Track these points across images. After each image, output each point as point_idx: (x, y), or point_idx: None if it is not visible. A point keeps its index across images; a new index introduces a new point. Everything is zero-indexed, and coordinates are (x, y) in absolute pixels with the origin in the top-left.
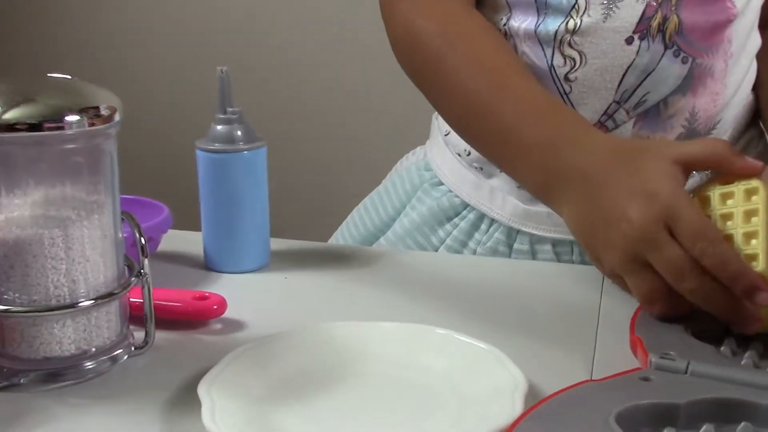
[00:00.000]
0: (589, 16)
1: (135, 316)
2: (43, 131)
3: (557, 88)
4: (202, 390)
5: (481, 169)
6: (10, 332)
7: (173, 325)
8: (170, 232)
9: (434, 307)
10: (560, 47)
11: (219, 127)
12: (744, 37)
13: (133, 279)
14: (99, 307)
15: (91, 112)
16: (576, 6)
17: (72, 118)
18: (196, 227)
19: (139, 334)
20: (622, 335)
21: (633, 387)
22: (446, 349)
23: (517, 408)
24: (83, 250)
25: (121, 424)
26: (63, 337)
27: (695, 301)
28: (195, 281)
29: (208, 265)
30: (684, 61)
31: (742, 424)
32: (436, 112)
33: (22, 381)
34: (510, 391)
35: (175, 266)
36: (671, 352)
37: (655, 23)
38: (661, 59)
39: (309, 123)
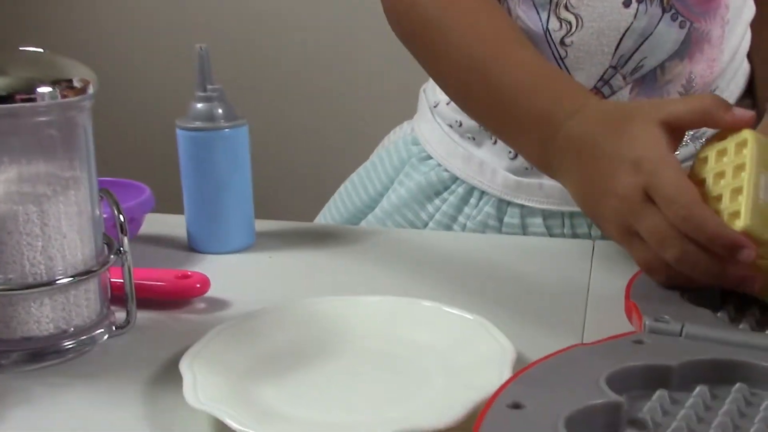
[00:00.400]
0: None
1: (117, 297)
2: (15, 103)
3: (552, 52)
4: (184, 365)
5: (473, 138)
6: None
7: (155, 304)
8: (153, 215)
9: (421, 283)
10: (556, 10)
11: (199, 105)
12: (740, 3)
13: (111, 257)
14: (77, 285)
15: (64, 84)
16: None
17: (44, 89)
18: (180, 211)
19: (120, 315)
20: (613, 306)
21: (625, 349)
22: (433, 321)
23: (504, 376)
24: (59, 227)
25: (102, 402)
26: (41, 316)
27: (683, 269)
28: (178, 262)
29: (191, 246)
30: (681, 26)
31: (737, 384)
32: (424, 86)
33: (0, 363)
34: (498, 360)
35: (157, 248)
36: (666, 316)
37: None
38: (658, 23)
39: (292, 101)
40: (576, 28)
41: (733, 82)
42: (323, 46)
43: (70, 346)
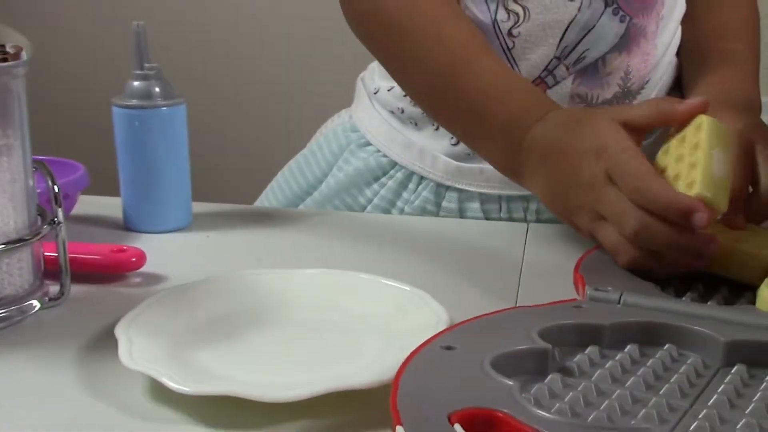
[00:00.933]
0: None
1: (50, 271)
2: None
3: (500, 43)
4: (120, 329)
5: (416, 124)
6: None
7: (90, 278)
8: (87, 197)
9: (359, 260)
10: (505, 2)
11: (136, 84)
12: (673, 1)
13: (45, 227)
14: (10, 254)
15: None
16: None
17: None
18: (115, 193)
19: (54, 288)
20: (545, 283)
21: (563, 312)
22: (371, 292)
23: None
24: None
25: (36, 367)
26: None
27: (645, 244)
28: (113, 240)
29: (127, 226)
30: (622, 20)
31: (666, 345)
32: (362, 75)
33: None
34: (433, 326)
35: (91, 227)
36: (609, 287)
37: None
38: (601, 16)
39: (231, 81)
40: (523, 19)
41: (665, 75)
42: (266, 26)
43: (2, 314)
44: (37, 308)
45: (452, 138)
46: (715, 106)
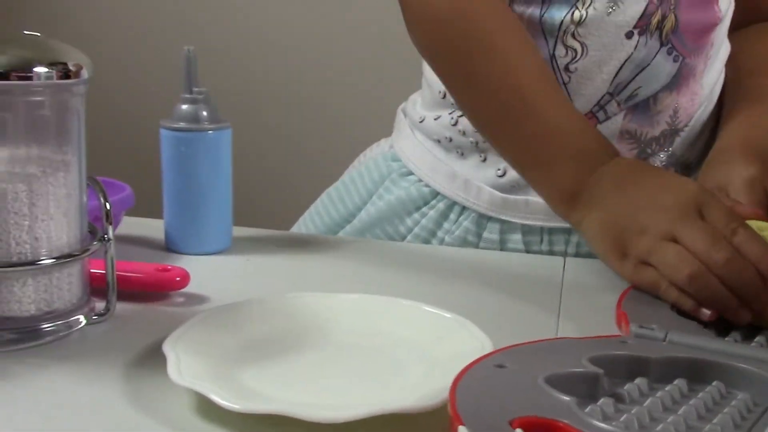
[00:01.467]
0: (594, 8)
1: (96, 289)
2: (10, 80)
3: (556, 78)
4: (167, 346)
5: (462, 154)
6: None
7: (134, 297)
8: (131, 218)
9: (399, 287)
10: (563, 38)
11: (184, 107)
12: (721, 41)
13: (95, 243)
14: (61, 268)
15: (60, 66)
16: None
17: (40, 69)
18: (158, 215)
19: (100, 305)
20: (586, 317)
21: (609, 345)
22: (412, 318)
23: None
24: (47, 208)
25: (83, 381)
26: (23, 297)
27: (727, 273)
28: (155, 260)
29: (168, 247)
30: (675, 60)
31: (714, 382)
32: (402, 106)
33: None
34: (477, 351)
35: (134, 247)
36: (653, 325)
37: (654, 20)
38: (656, 55)
39: (276, 107)
40: (581, 55)
41: (705, 112)
42: (311, 55)
43: (50, 328)
44: (83, 323)
45: (499, 169)
46: (736, 149)
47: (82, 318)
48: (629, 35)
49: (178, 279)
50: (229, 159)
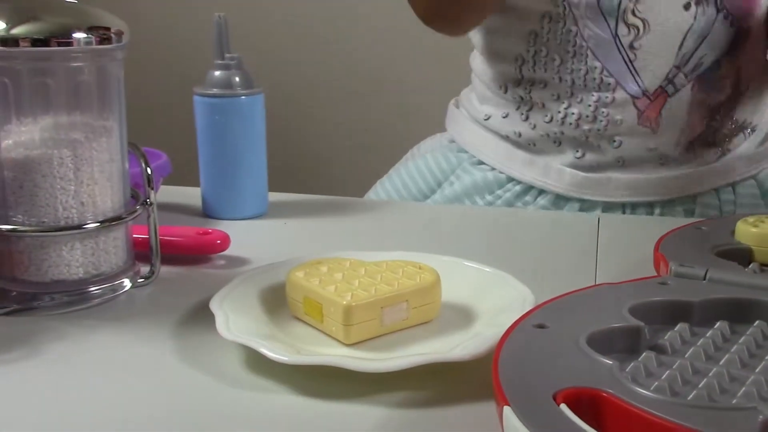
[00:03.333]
0: None
1: (139, 253)
2: (51, 47)
3: (622, 57)
4: (215, 305)
5: (534, 145)
6: (18, 255)
7: (176, 260)
8: (167, 187)
9: (438, 246)
10: (624, 16)
11: (216, 73)
12: None
13: (138, 207)
14: (107, 232)
15: (99, 31)
16: None
17: (80, 35)
18: (193, 184)
19: (144, 268)
20: (622, 265)
21: (650, 288)
22: (452, 273)
23: None
24: (92, 172)
25: (133, 340)
26: (71, 260)
27: None
28: (194, 225)
29: (206, 212)
30: (732, 24)
31: (757, 322)
32: (454, 101)
33: (36, 305)
34: (519, 305)
35: (172, 214)
36: (693, 264)
37: None
38: (714, 23)
39: (308, 73)
40: (643, 32)
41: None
42: (343, 29)
43: (98, 291)
44: (129, 286)
45: (577, 152)
46: None
47: (127, 281)
48: (687, 6)
49: (218, 242)
50: (263, 124)
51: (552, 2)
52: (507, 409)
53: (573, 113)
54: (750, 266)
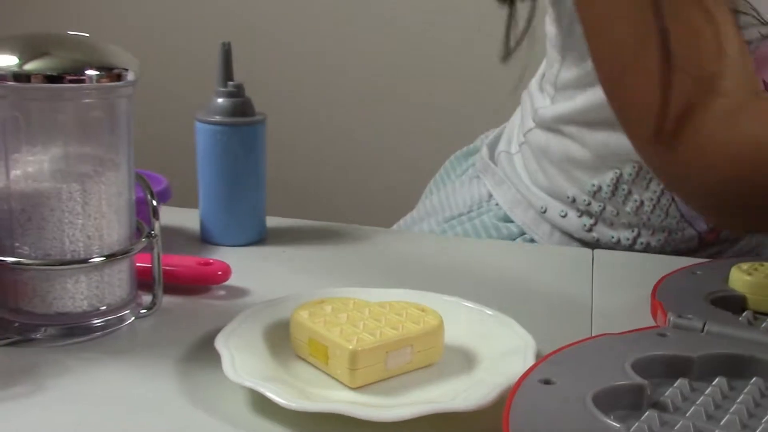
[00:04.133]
0: None
1: (140, 282)
2: (63, 83)
3: None
4: (220, 343)
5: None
6: (22, 287)
7: (177, 290)
8: (166, 208)
9: (435, 279)
10: None
11: (219, 100)
12: None
13: (144, 239)
14: (112, 265)
15: (111, 69)
16: None
17: (92, 72)
18: (191, 205)
19: (145, 298)
20: (616, 310)
21: (650, 340)
22: (453, 315)
23: (528, 364)
24: (100, 206)
25: (137, 375)
26: (76, 293)
27: None
28: (192, 253)
29: (204, 238)
30: None
31: (754, 378)
32: (490, 153)
33: (35, 337)
34: (521, 351)
35: (172, 238)
36: (690, 315)
37: None
38: None
39: (309, 101)
40: None
41: None
42: (343, 46)
43: (101, 323)
44: (131, 319)
45: (585, 225)
46: None
47: (130, 312)
48: None
49: (219, 273)
50: (264, 152)
51: None
52: None
53: (642, 241)
54: (744, 315)
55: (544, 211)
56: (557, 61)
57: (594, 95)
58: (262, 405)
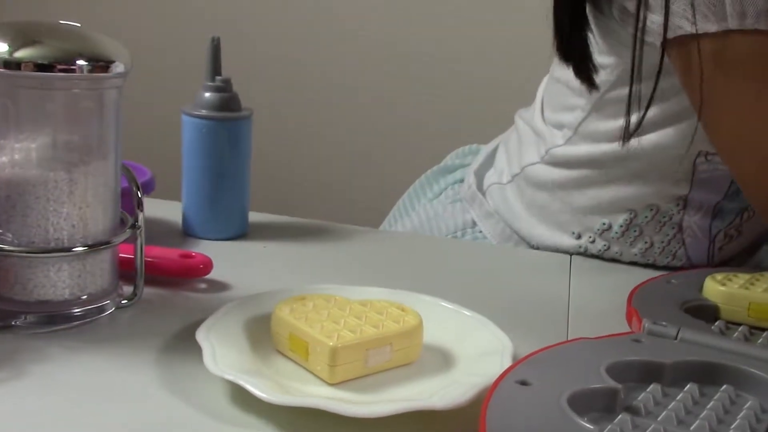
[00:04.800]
0: None
1: (121, 272)
2: (53, 72)
3: (708, 252)
4: (201, 336)
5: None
6: (4, 273)
7: (158, 282)
8: (149, 200)
9: (414, 279)
10: (729, 226)
11: (206, 94)
12: None
13: (127, 230)
14: (95, 255)
15: (101, 59)
16: None
17: (83, 62)
18: (173, 198)
19: (126, 289)
20: (591, 314)
21: (624, 346)
22: (432, 315)
23: (505, 365)
24: (85, 196)
25: (117, 364)
26: (57, 281)
27: None
28: (174, 245)
29: (186, 231)
30: None
31: (725, 386)
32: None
33: (15, 323)
34: (498, 352)
35: (152, 230)
36: (664, 322)
37: None
38: None
39: (297, 97)
40: (736, 237)
41: None
42: (331, 42)
43: (81, 312)
44: (113, 308)
45: (574, 232)
46: None
47: (111, 302)
48: None
49: (201, 266)
50: (250, 147)
51: (665, 198)
52: None
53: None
54: (716, 324)
55: (537, 248)
56: (582, 110)
57: (619, 147)
58: (241, 398)
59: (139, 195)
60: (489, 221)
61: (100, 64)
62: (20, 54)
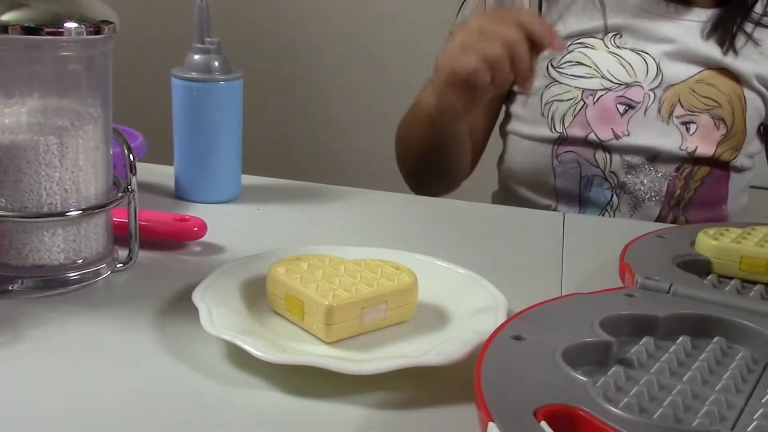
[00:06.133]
0: (620, 211)
1: (116, 236)
2: (41, 35)
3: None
4: (197, 297)
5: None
6: None
7: (153, 245)
8: (140, 164)
9: (408, 238)
10: None
11: (196, 57)
12: None
13: (121, 194)
14: (89, 219)
15: (89, 22)
16: (610, 203)
17: (71, 24)
18: (166, 162)
19: (122, 252)
20: (585, 268)
21: (617, 300)
22: (427, 273)
23: (500, 321)
24: (77, 160)
25: (114, 327)
26: (52, 246)
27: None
28: (166, 209)
29: (178, 195)
30: None
31: (716, 338)
32: None
33: (12, 288)
34: (493, 309)
35: (145, 195)
36: (657, 277)
37: (669, 221)
38: None
39: (288, 58)
40: None
41: None
42: (325, 6)
43: (77, 276)
44: (108, 272)
45: None
46: None
47: (107, 266)
48: None
49: (196, 229)
50: (240, 109)
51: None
52: (492, 426)
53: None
54: (708, 278)
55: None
56: None
57: None
58: (238, 358)
59: (132, 158)
60: None
61: (89, 26)
62: (7, 17)
